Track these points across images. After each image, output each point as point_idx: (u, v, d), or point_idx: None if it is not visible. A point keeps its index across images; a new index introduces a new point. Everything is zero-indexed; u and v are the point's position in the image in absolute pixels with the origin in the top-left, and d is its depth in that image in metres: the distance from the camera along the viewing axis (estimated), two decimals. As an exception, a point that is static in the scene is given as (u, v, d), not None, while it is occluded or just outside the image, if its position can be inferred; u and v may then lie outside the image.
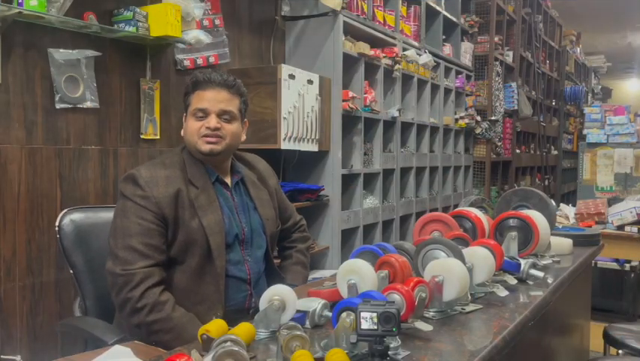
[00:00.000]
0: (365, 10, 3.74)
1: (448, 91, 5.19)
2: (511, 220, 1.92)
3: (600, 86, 12.24)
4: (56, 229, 1.74)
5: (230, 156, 1.77)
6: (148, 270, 1.52)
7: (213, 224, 1.62)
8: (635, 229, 3.45)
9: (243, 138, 1.77)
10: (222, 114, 1.66)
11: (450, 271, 1.34)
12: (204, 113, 1.65)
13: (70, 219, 1.77)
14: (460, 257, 1.46)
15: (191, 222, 1.60)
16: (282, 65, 3.04)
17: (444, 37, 5.12)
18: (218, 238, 1.62)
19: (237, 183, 1.78)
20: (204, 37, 2.70)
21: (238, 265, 1.68)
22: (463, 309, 1.40)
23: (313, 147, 3.28)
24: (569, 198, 8.70)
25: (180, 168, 1.67)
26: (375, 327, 1.00)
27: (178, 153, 1.72)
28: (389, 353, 1.03)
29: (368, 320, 1.00)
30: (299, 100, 3.11)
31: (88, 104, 2.41)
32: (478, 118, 5.78)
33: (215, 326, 1.12)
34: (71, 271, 1.73)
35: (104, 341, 1.45)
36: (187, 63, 2.89)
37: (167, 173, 1.64)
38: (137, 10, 2.44)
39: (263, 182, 1.87)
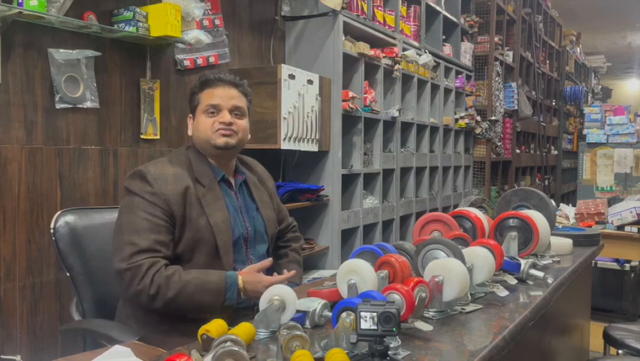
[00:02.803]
0: (365, 10, 3.74)
1: (448, 91, 5.19)
2: (511, 220, 1.92)
3: (600, 86, 12.25)
4: (51, 231, 1.71)
5: (236, 155, 1.80)
6: (153, 260, 1.52)
7: (220, 222, 1.64)
8: (635, 228, 3.45)
9: (249, 135, 1.79)
10: (234, 110, 1.70)
11: (450, 271, 1.34)
12: (216, 110, 1.68)
13: (64, 221, 1.74)
14: (460, 257, 1.46)
15: (198, 220, 1.61)
16: (282, 65, 3.04)
17: (444, 37, 5.12)
18: (225, 235, 1.64)
19: (241, 184, 1.80)
20: (204, 37, 2.70)
21: (243, 264, 1.70)
22: (463, 309, 1.40)
23: (313, 147, 3.28)
24: (569, 198, 8.71)
25: (187, 167, 1.68)
26: (375, 327, 1.00)
27: (183, 152, 1.73)
28: (389, 353, 1.03)
29: (368, 320, 1.00)
30: (299, 100, 3.11)
31: (88, 104, 2.41)
32: (478, 118, 5.78)
33: (215, 326, 1.12)
34: (68, 274, 1.72)
35: (120, 341, 1.44)
36: (187, 63, 2.89)
37: (175, 171, 1.65)
38: (137, 10, 2.44)
39: (262, 184, 1.89)
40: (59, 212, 1.77)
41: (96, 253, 1.75)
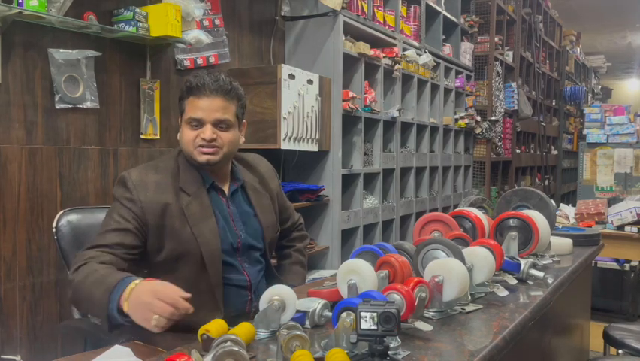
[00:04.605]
0: (365, 10, 3.74)
1: (448, 91, 5.19)
2: (511, 220, 1.92)
3: (600, 86, 12.25)
4: (53, 230, 1.72)
5: (229, 163, 1.71)
6: (99, 253, 1.46)
7: (207, 232, 1.58)
8: (635, 228, 3.45)
9: (242, 140, 1.70)
10: (218, 123, 1.59)
11: (450, 271, 1.34)
12: (199, 123, 1.59)
13: (67, 220, 1.75)
14: (460, 257, 1.46)
15: (182, 231, 1.56)
16: (282, 65, 3.04)
17: (444, 37, 5.12)
18: (212, 246, 1.58)
19: (235, 190, 1.71)
20: (204, 37, 2.70)
21: (237, 273, 1.65)
22: (463, 309, 1.40)
23: (313, 147, 3.28)
24: (569, 198, 8.70)
25: (172, 175, 1.62)
26: (375, 327, 1.00)
27: (173, 158, 1.67)
28: (389, 353, 1.03)
29: (368, 320, 1.00)
30: (299, 100, 3.11)
31: (88, 104, 2.41)
32: (478, 118, 5.78)
33: (215, 326, 1.12)
34: (69, 272, 1.72)
35: (107, 341, 1.44)
36: (187, 63, 2.89)
37: (158, 178, 1.59)
38: (137, 10, 2.44)
39: (264, 185, 1.80)
40: (61, 211, 1.77)
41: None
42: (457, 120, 5.34)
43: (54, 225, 1.73)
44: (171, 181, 1.60)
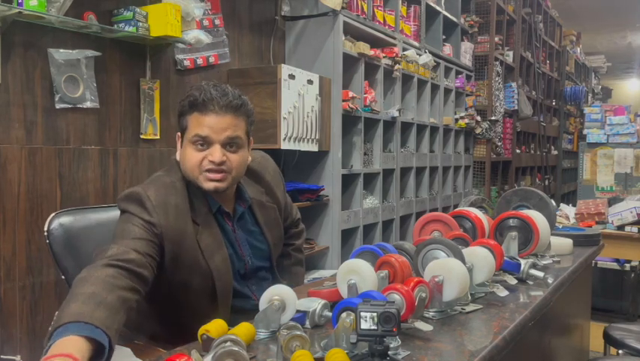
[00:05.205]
0: (365, 10, 3.74)
1: (448, 91, 5.19)
2: (511, 220, 1.92)
3: (600, 86, 12.25)
4: (45, 233, 1.62)
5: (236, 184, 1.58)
6: (139, 257, 1.27)
7: (220, 264, 1.47)
8: (635, 228, 3.45)
9: (250, 159, 1.56)
10: (228, 143, 1.44)
11: (450, 271, 1.34)
12: (205, 142, 1.42)
13: (59, 223, 1.64)
14: (460, 257, 1.45)
15: (196, 263, 1.44)
16: (282, 65, 3.04)
17: (444, 37, 5.12)
18: (225, 279, 1.48)
19: (242, 213, 1.59)
20: (204, 37, 2.70)
21: (246, 299, 1.57)
22: (463, 309, 1.40)
23: (313, 147, 3.28)
24: (569, 198, 8.71)
25: (186, 197, 1.47)
26: (375, 327, 1.00)
27: (180, 176, 1.50)
28: (389, 353, 1.03)
29: (368, 320, 1.00)
30: (299, 100, 3.11)
31: (88, 104, 2.41)
32: (478, 118, 5.78)
33: (215, 326, 1.12)
34: (63, 277, 1.61)
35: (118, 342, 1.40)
36: (187, 63, 2.89)
37: (178, 202, 1.43)
38: (137, 10, 2.44)
39: (271, 195, 1.68)
40: (53, 214, 1.67)
41: (92, 254, 1.71)
42: (457, 120, 5.34)
43: (45, 228, 1.61)
44: (188, 206, 1.45)
